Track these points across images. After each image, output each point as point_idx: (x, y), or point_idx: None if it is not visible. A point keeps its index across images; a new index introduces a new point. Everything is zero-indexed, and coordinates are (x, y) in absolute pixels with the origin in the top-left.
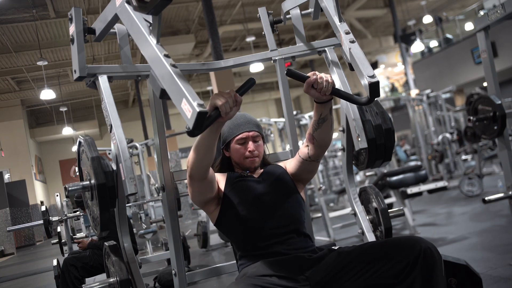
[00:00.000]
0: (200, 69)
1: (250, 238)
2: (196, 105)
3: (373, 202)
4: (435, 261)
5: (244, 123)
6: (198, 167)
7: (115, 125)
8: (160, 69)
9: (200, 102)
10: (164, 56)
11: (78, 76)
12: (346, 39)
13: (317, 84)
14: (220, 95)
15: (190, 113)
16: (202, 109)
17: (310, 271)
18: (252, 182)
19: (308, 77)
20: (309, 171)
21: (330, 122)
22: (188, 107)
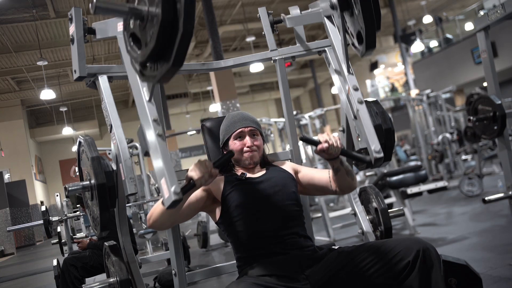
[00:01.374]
0: (200, 69)
1: (249, 239)
2: (173, 192)
3: (373, 202)
4: (433, 262)
5: (241, 119)
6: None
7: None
8: (148, 134)
9: (177, 189)
10: (153, 121)
11: (78, 76)
12: (354, 97)
13: (327, 150)
14: (198, 168)
15: (167, 195)
16: (177, 197)
17: (310, 270)
18: (251, 184)
19: (320, 143)
20: (323, 193)
21: (343, 172)
22: (166, 187)
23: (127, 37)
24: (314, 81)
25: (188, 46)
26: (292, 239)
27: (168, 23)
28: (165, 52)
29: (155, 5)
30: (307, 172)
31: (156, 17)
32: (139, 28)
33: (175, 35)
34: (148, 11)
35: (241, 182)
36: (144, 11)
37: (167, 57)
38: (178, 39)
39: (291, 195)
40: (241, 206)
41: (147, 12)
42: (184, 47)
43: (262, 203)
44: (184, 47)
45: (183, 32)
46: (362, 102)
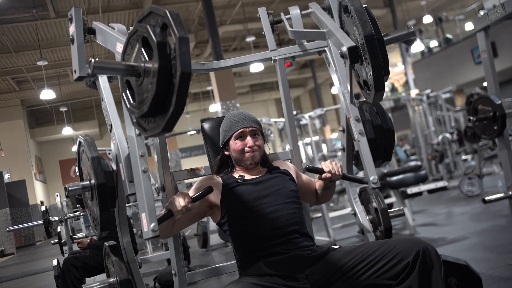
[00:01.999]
0: (200, 69)
1: (249, 240)
2: (151, 229)
3: (373, 202)
4: (434, 262)
5: (242, 119)
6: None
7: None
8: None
9: (155, 227)
10: (140, 156)
11: (78, 76)
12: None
13: (330, 179)
14: (177, 202)
15: (146, 229)
16: (154, 234)
17: (310, 269)
18: (250, 186)
19: (324, 172)
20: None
21: (333, 189)
22: (145, 222)
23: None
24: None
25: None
26: (293, 238)
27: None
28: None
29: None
30: (304, 180)
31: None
32: (135, 83)
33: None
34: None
35: (239, 184)
36: (140, 68)
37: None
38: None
39: (291, 194)
40: (240, 206)
41: (143, 69)
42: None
43: (261, 203)
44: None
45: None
46: (363, 134)
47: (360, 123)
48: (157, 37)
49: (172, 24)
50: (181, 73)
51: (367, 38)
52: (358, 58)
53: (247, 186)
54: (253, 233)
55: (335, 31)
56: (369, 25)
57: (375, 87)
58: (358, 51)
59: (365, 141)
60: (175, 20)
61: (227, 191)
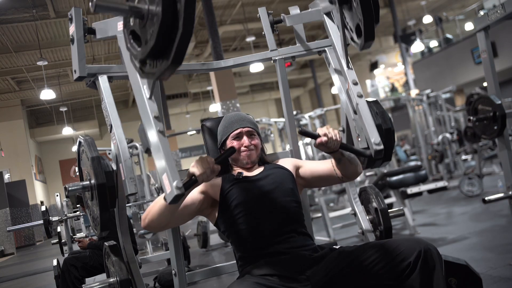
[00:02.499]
0: (200, 69)
1: (249, 238)
2: (175, 186)
3: (373, 202)
4: (435, 262)
5: (239, 120)
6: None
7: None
8: (149, 130)
9: (179, 184)
10: (154, 118)
11: (78, 76)
12: (353, 90)
13: (326, 144)
14: (200, 165)
15: (169, 190)
16: (179, 192)
17: (311, 270)
18: (249, 183)
19: (319, 136)
20: (329, 183)
21: (346, 161)
22: (168, 182)
23: (127, 35)
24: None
25: (188, 45)
26: (292, 237)
27: (168, 23)
28: (165, 50)
29: (155, 4)
30: (309, 165)
31: (156, 16)
32: (139, 26)
33: (175, 34)
34: (148, 10)
35: (239, 181)
36: (144, 10)
37: (166, 55)
38: (178, 39)
39: (289, 192)
40: (239, 204)
41: (147, 11)
42: (183, 46)
43: (260, 200)
44: (184, 46)
45: (182, 32)
46: (361, 96)
47: (358, 86)
48: None
49: None
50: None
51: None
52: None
53: (245, 183)
54: (251, 231)
55: None
56: None
57: (365, 36)
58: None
59: (365, 103)
60: None
61: (226, 188)
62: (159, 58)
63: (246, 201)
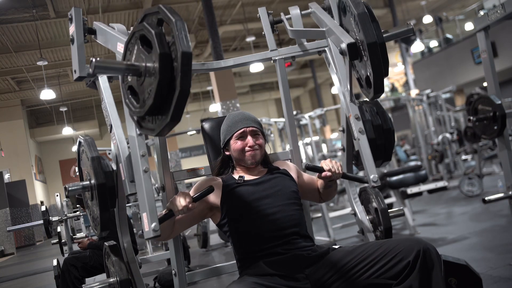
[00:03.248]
0: (200, 69)
1: (250, 241)
2: (152, 229)
3: (373, 202)
4: (434, 262)
5: (243, 119)
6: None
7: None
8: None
9: (156, 227)
10: (141, 156)
11: (78, 76)
12: (355, 125)
13: (330, 177)
14: (178, 202)
15: (147, 228)
16: (155, 234)
17: (310, 269)
18: (250, 186)
19: (323, 170)
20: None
21: (335, 187)
22: (147, 222)
23: (125, 90)
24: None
25: (185, 103)
26: (293, 240)
27: (165, 82)
28: (163, 107)
29: (152, 62)
30: (305, 180)
31: (154, 75)
32: (136, 83)
33: (173, 93)
34: (146, 68)
35: (240, 185)
36: (141, 68)
37: (165, 112)
38: (176, 98)
39: (291, 195)
40: (240, 208)
41: (144, 69)
42: (181, 104)
43: (262, 203)
44: (182, 104)
45: (180, 91)
46: (363, 132)
47: (360, 122)
48: (153, 28)
49: (166, 12)
50: (182, 53)
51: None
52: (357, 55)
53: (247, 187)
54: (253, 234)
55: (335, 28)
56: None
57: (375, 90)
58: (357, 48)
59: (365, 140)
60: (168, 9)
61: (227, 192)
62: (158, 115)
63: (247, 204)
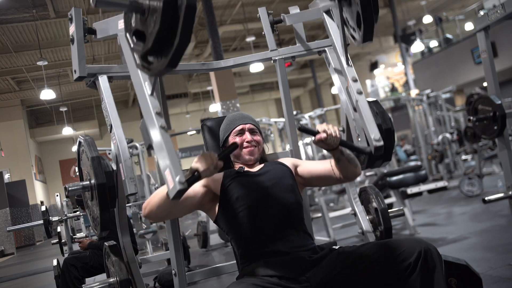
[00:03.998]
0: (200, 69)
1: (248, 233)
2: (177, 182)
3: (373, 202)
4: (435, 263)
5: (241, 118)
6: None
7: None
8: (151, 126)
9: (181, 178)
10: (156, 114)
11: (78, 76)
12: (353, 87)
13: (326, 140)
14: (203, 160)
15: (171, 185)
16: (182, 187)
17: (311, 271)
18: (250, 177)
19: (318, 133)
20: (328, 183)
21: (345, 160)
22: (170, 178)
23: (130, 36)
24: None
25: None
26: (291, 234)
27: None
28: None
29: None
30: (307, 164)
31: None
32: (140, 22)
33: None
34: (149, 4)
35: (240, 175)
36: (145, 5)
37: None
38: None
39: (289, 188)
40: (239, 199)
41: (148, 6)
42: (189, 22)
43: (260, 196)
44: (190, 22)
45: (186, 6)
46: (361, 93)
47: (358, 83)
48: None
49: None
50: (186, 5)
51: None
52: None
53: (246, 178)
54: (250, 226)
55: None
56: None
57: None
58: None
59: (364, 100)
60: None
61: (227, 182)
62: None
63: (246, 196)
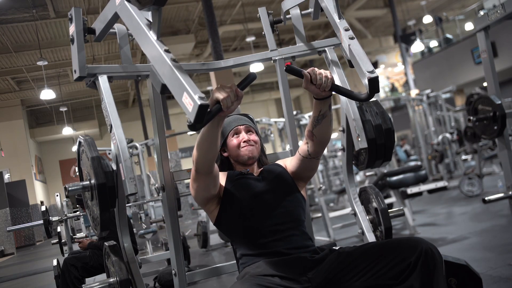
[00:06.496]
0: (200, 69)
1: (249, 235)
2: (197, 98)
3: (373, 202)
4: (436, 262)
5: (236, 120)
6: (203, 161)
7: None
8: (161, 64)
9: (201, 95)
10: (164, 51)
11: (78, 76)
12: (345, 36)
13: (316, 80)
14: (222, 89)
15: (191, 106)
16: (203, 102)
17: (312, 272)
18: (252, 180)
19: (307, 73)
20: (310, 169)
21: (329, 118)
22: (189, 100)
23: None
24: None
25: None
26: (292, 235)
27: None
28: None
29: None
30: (291, 158)
31: None
32: None
33: None
34: None
35: (243, 176)
36: None
37: None
38: None
39: (290, 191)
40: (241, 201)
41: None
42: None
43: (261, 198)
44: None
45: None
46: (353, 38)
47: (350, 31)
48: None
49: None
50: None
51: None
52: None
53: (248, 181)
54: (251, 228)
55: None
56: None
57: None
58: None
59: (356, 43)
60: None
61: (230, 183)
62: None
63: (247, 198)
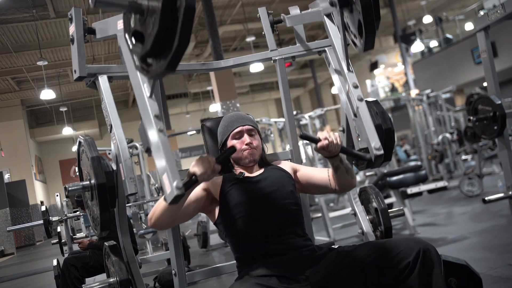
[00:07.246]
0: (200, 69)
1: (247, 239)
2: (175, 187)
3: (373, 202)
4: (434, 262)
5: (238, 119)
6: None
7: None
8: (149, 129)
9: (179, 184)
10: (154, 117)
11: (78, 76)
12: (354, 94)
13: (327, 148)
14: (200, 164)
15: (169, 190)
16: (179, 192)
17: (310, 270)
18: (249, 183)
19: (320, 140)
20: (323, 192)
21: (343, 170)
22: (168, 182)
23: (129, 37)
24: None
25: (192, 23)
26: (290, 239)
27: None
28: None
29: None
30: (306, 171)
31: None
32: (139, 23)
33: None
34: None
35: (240, 181)
36: (144, 6)
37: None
38: (182, 16)
39: (289, 194)
40: (239, 205)
41: (147, 6)
42: (188, 24)
43: (260, 202)
44: (188, 24)
45: (185, 8)
46: (362, 100)
47: (358, 89)
48: None
49: None
50: (185, 7)
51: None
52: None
53: (246, 184)
54: (251, 232)
55: None
56: None
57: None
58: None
59: (365, 107)
60: None
61: (227, 187)
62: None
63: (245, 202)
